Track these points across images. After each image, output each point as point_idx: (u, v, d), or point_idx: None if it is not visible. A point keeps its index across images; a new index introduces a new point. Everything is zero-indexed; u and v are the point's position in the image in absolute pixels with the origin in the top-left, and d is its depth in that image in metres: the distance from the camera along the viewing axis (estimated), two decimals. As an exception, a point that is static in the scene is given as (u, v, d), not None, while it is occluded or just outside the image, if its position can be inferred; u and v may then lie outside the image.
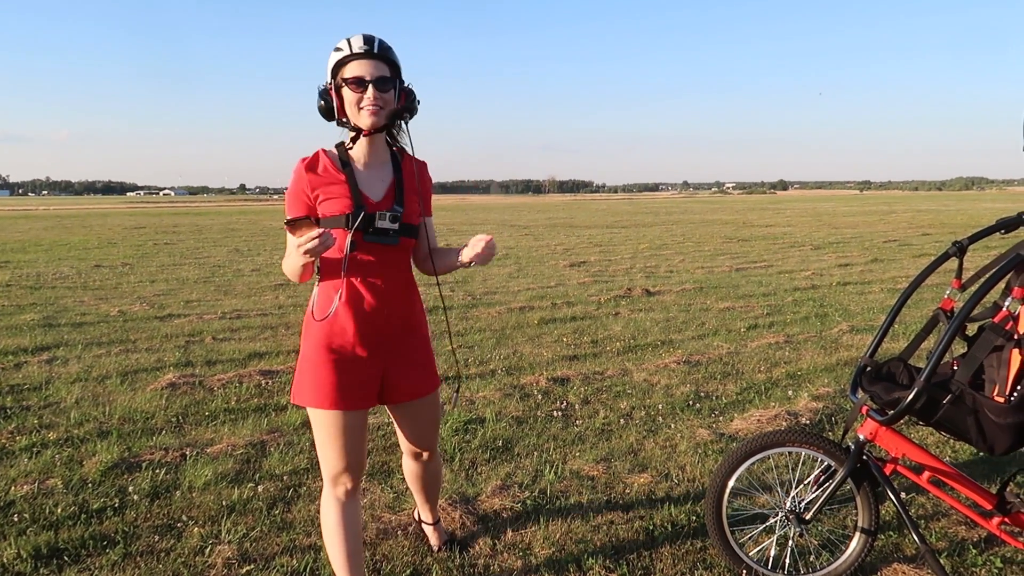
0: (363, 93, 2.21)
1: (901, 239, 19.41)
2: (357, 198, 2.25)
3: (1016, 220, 2.81)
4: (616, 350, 6.65)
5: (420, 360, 2.48)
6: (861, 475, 2.69)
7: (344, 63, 2.23)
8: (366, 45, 2.20)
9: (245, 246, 20.13)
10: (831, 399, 5.01)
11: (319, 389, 2.30)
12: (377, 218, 2.25)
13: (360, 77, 2.20)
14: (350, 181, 2.27)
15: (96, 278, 12.65)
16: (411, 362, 2.44)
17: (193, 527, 3.28)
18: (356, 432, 2.36)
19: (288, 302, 9.75)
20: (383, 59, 2.23)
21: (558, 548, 3.09)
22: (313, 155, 2.32)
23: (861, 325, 7.59)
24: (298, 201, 2.27)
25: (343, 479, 2.40)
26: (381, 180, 2.34)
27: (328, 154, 2.33)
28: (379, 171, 2.35)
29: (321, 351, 2.30)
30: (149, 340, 7.32)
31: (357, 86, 2.21)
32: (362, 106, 2.22)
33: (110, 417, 4.81)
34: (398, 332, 2.39)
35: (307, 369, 2.33)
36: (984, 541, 3.07)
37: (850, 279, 11.34)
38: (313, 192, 2.26)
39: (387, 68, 2.24)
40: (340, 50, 2.23)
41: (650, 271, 12.93)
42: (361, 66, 2.21)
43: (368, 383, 2.36)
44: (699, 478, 3.77)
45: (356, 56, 2.21)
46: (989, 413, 2.40)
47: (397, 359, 2.41)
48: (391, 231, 2.27)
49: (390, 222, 2.26)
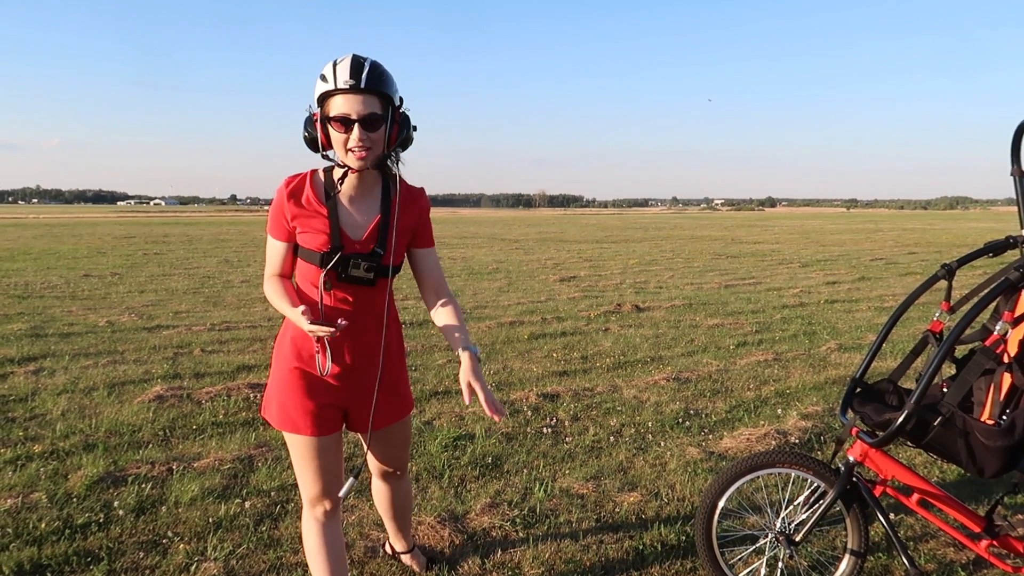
0: (349, 133, 2.01)
1: (888, 257, 19.55)
2: (336, 238, 2.12)
3: (1004, 243, 2.84)
4: (606, 366, 6.65)
5: (390, 392, 2.37)
6: (851, 497, 2.69)
7: (329, 96, 2.02)
8: (352, 79, 1.97)
9: (235, 257, 20.05)
10: (820, 418, 5.03)
11: (288, 412, 2.26)
12: (351, 264, 2.13)
13: (345, 116, 1.99)
14: (331, 216, 2.13)
15: (85, 288, 12.56)
16: (384, 390, 2.33)
17: (179, 543, 3.25)
18: (330, 454, 2.32)
19: (277, 315, 9.70)
20: (372, 92, 2.00)
21: (548, 568, 3.08)
22: (299, 179, 2.17)
23: (849, 343, 7.62)
24: (278, 224, 2.20)
25: (321, 501, 2.38)
26: (365, 216, 2.18)
27: (314, 181, 2.17)
28: (364, 205, 2.19)
29: (291, 375, 2.25)
30: (137, 352, 7.26)
31: (342, 125, 2.01)
32: (349, 147, 2.03)
33: (96, 430, 4.76)
34: (368, 366, 2.30)
35: (278, 391, 2.29)
36: (972, 563, 3.07)
37: (838, 297, 11.40)
38: (292, 221, 2.16)
39: (377, 102, 2.02)
40: (325, 80, 2.01)
41: (640, 287, 12.96)
42: (347, 102, 1.99)
43: (333, 411, 2.31)
44: (689, 497, 3.77)
45: (341, 91, 1.99)
46: (979, 436, 2.41)
47: (361, 393, 2.32)
48: (364, 279, 2.16)
49: (364, 271, 2.14)
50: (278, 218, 2.19)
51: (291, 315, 2.12)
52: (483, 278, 14.45)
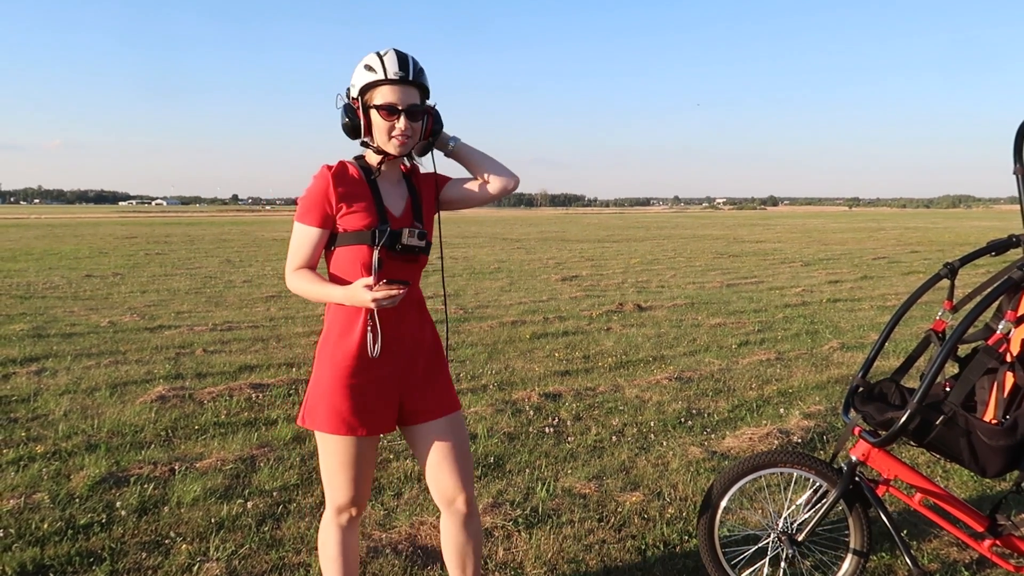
0: (394, 122, 2.12)
1: (890, 256, 19.53)
2: (382, 213, 2.18)
3: (1006, 242, 2.84)
4: (608, 366, 6.65)
5: (438, 380, 2.34)
6: (853, 496, 2.68)
7: (375, 85, 2.12)
8: (401, 71, 2.10)
9: (237, 257, 20.08)
10: (822, 417, 5.02)
11: (336, 414, 2.18)
12: (405, 234, 2.16)
13: (392, 105, 2.11)
14: (375, 195, 2.19)
15: (87, 288, 12.58)
16: (429, 382, 2.30)
17: (181, 544, 3.25)
18: (367, 461, 2.27)
19: (280, 314, 9.72)
20: (416, 85, 2.14)
21: (550, 567, 3.08)
22: (339, 165, 2.22)
23: (851, 342, 7.62)
24: (318, 209, 2.15)
25: (349, 508, 2.32)
26: (399, 196, 2.27)
27: (353, 165, 2.23)
28: (397, 187, 2.28)
29: (338, 374, 2.18)
30: (139, 352, 7.27)
31: (389, 114, 2.11)
32: (393, 135, 2.13)
33: (98, 430, 4.77)
34: (415, 351, 2.27)
35: (322, 393, 2.20)
36: (976, 563, 3.07)
37: (840, 296, 11.39)
38: (337, 203, 2.15)
39: (418, 95, 2.16)
40: (372, 70, 2.11)
41: (641, 286, 12.96)
42: (394, 92, 2.11)
43: (387, 407, 2.24)
44: (691, 497, 3.76)
45: (390, 82, 2.11)
46: (982, 435, 2.41)
47: (415, 379, 2.27)
48: (417, 248, 2.19)
49: (418, 239, 2.18)
50: (319, 203, 2.15)
51: (343, 294, 2.09)
52: (485, 278, 14.45)
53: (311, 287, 2.17)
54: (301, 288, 2.20)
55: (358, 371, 2.18)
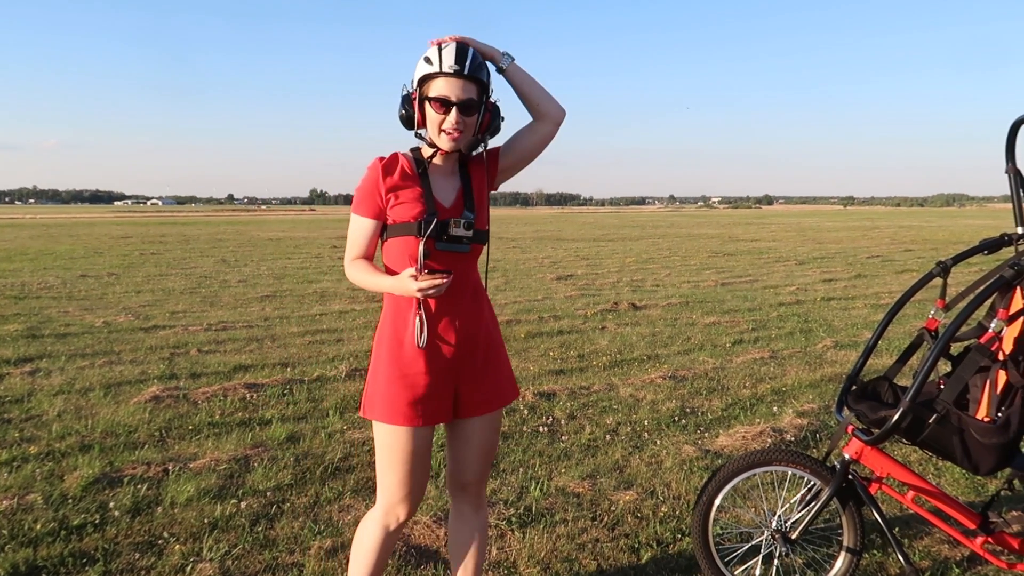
0: (446, 115, 2.10)
1: (884, 255, 19.57)
2: (430, 204, 2.16)
3: (999, 241, 2.85)
4: (602, 364, 6.65)
5: (495, 370, 2.34)
6: (846, 494, 2.69)
7: (431, 77, 2.11)
8: (457, 65, 2.08)
9: (232, 256, 20.04)
10: (816, 415, 5.03)
11: (392, 404, 2.18)
12: (451, 225, 2.14)
13: (445, 98, 2.09)
14: (424, 186, 2.19)
15: (81, 288, 12.55)
16: (486, 373, 2.30)
17: (174, 544, 3.24)
18: (422, 456, 2.24)
19: (275, 314, 9.70)
20: (473, 79, 2.11)
21: (543, 567, 3.08)
22: (391, 156, 2.23)
23: (845, 341, 7.63)
24: (370, 200, 2.18)
25: (399, 508, 2.27)
26: (451, 186, 2.25)
27: (405, 157, 2.24)
28: (449, 177, 2.26)
29: (393, 364, 2.19)
30: (133, 352, 7.25)
31: (441, 106, 2.10)
32: (444, 128, 2.12)
33: (92, 431, 4.75)
34: (471, 341, 2.25)
35: (379, 383, 2.22)
36: (968, 560, 3.08)
37: (834, 294, 11.41)
38: (387, 194, 2.17)
39: (475, 89, 2.12)
40: (429, 63, 2.11)
41: (636, 285, 12.97)
42: (448, 86, 2.09)
43: (443, 397, 2.23)
44: (685, 495, 3.77)
45: (445, 74, 2.09)
46: (974, 433, 2.42)
47: (471, 370, 2.27)
48: (464, 238, 2.17)
49: (464, 229, 2.16)
50: (371, 194, 2.18)
51: (391, 284, 2.09)
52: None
53: (365, 277, 2.19)
54: (357, 278, 2.22)
55: (412, 361, 2.18)
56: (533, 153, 2.35)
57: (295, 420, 5.01)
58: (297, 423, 4.95)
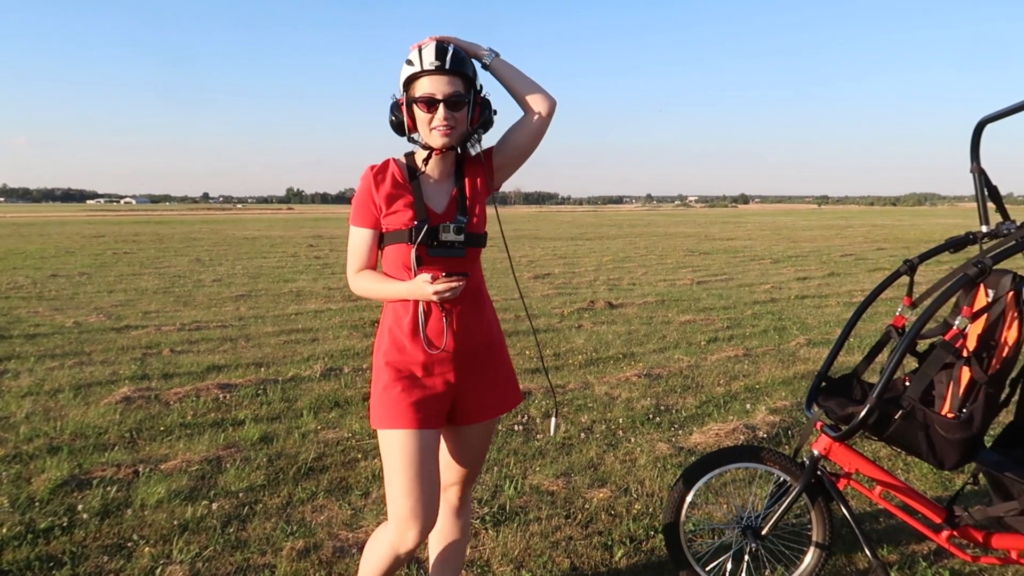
0: (434, 113, 2.09)
1: (857, 253, 19.81)
2: (421, 211, 2.14)
3: (964, 239, 2.90)
4: (578, 363, 6.67)
5: (497, 377, 2.32)
6: (816, 490, 2.72)
7: (415, 79, 2.10)
8: (438, 60, 2.06)
9: (207, 256, 19.85)
10: (788, 412, 5.08)
11: (393, 408, 2.14)
12: (441, 231, 2.13)
13: (431, 96, 2.07)
14: (415, 194, 2.16)
15: (52, 288, 12.36)
16: (486, 380, 2.28)
17: (144, 547, 3.20)
18: (428, 462, 2.15)
19: (249, 313, 9.62)
20: (457, 73, 2.09)
21: (516, 565, 3.08)
22: (383, 164, 2.21)
23: (818, 338, 7.71)
24: (365, 211, 2.16)
25: (412, 526, 2.12)
26: (445, 192, 2.23)
27: (397, 164, 2.22)
28: (444, 182, 2.24)
29: (392, 369, 2.17)
30: (105, 352, 7.16)
31: (427, 106, 2.08)
32: (433, 126, 2.10)
33: (61, 432, 4.68)
34: (470, 348, 2.23)
35: (381, 390, 2.19)
36: (934, 554, 3.13)
37: (808, 293, 11.53)
38: (379, 204, 2.15)
39: (461, 83, 2.10)
40: (411, 64, 2.10)
41: (613, 283, 13.02)
42: (432, 83, 2.08)
43: (441, 402, 2.21)
44: (658, 492, 3.79)
45: (427, 72, 2.08)
46: (939, 429, 2.45)
47: (471, 377, 2.25)
48: (456, 243, 2.15)
49: (454, 234, 2.14)
50: (366, 204, 2.17)
51: (406, 289, 2.09)
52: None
53: (375, 285, 2.17)
54: (365, 288, 2.19)
55: (413, 364, 2.17)
56: (529, 146, 2.33)
57: (269, 420, 4.98)
58: (271, 423, 4.91)
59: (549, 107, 2.28)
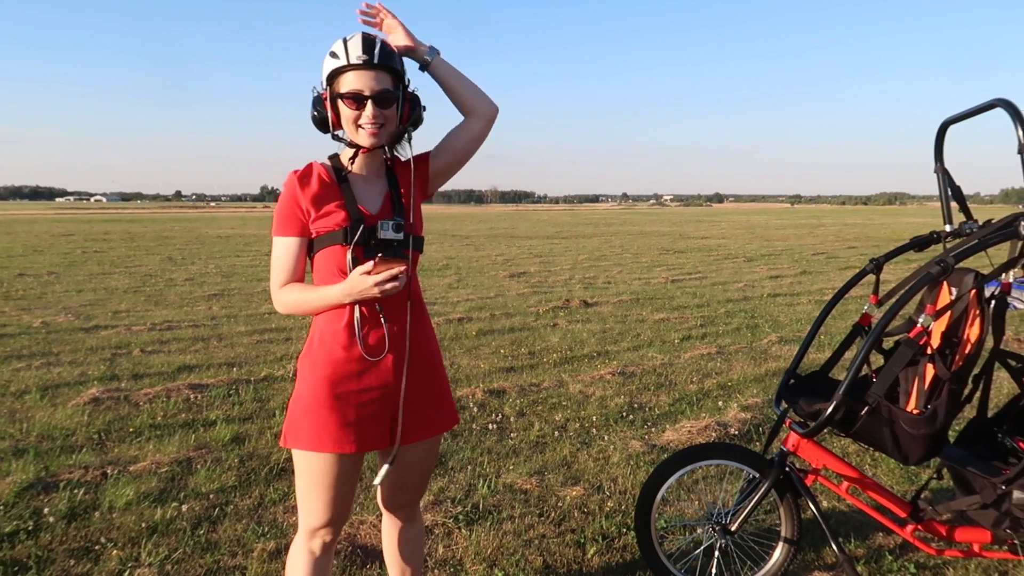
0: (361, 110, 1.95)
1: (829, 252, 20.05)
2: (354, 211, 2.00)
3: (928, 238, 2.95)
4: (553, 361, 6.68)
5: (436, 392, 2.17)
6: (784, 486, 2.75)
7: (340, 72, 1.96)
8: (365, 54, 1.93)
9: (179, 255, 19.63)
10: (759, 409, 5.13)
11: (320, 429, 1.99)
12: (379, 228, 1.99)
13: (358, 92, 1.94)
14: (346, 194, 2.03)
15: (19, 287, 12.15)
16: (426, 395, 2.13)
17: (112, 550, 3.16)
18: (349, 480, 2.08)
19: (222, 313, 9.53)
20: (385, 68, 1.96)
21: (489, 564, 3.08)
22: (305, 168, 2.06)
23: (790, 336, 7.80)
24: (291, 218, 2.01)
25: (323, 532, 2.12)
26: (378, 192, 2.09)
27: (323, 166, 2.08)
28: (374, 183, 2.10)
29: (324, 386, 2.00)
30: (73, 353, 7.05)
31: (354, 102, 1.95)
32: (361, 124, 1.97)
33: (27, 434, 4.61)
34: (411, 360, 2.08)
35: (305, 408, 2.02)
36: (899, 548, 3.18)
37: (780, 291, 11.65)
38: (307, 208, 2.00)
39: (389, 79, 1.97)
40: (336, 57, 1.95)
41: (588, 282, 13.06)
42: (360, 78, 1.94)
43: (380, 422, 2.05)
44: (630, 490, 3.81)
45: (354, 67, 1.94)
46: (904, 424, 2.49)
47: (411, 392, 2.08)
48: (395, 242, 2.01)
49: (393, 231, 2.00)
50: (291, 210, 2.01)
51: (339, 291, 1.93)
52: (433, 274, 14.39)
53: (304, 296, 2.00)
54: (293, 301, 2.02)
55: (344, 380, 2.01)
56: (466, 153, 2.21)
57: (240, 421, 4.93)
58: (243, 424, 4.87)
59: (491, 113, 2.18)
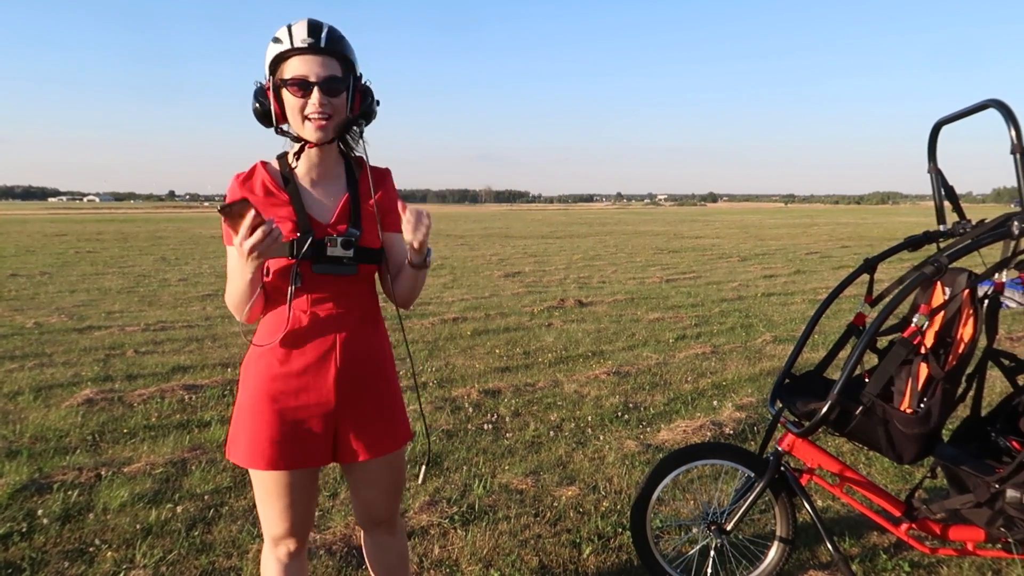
0: (307, 98, 1.80)
1: (822, 251, 20.10)
2: (303, 222, 1.85)
3: (922, 238, 2.97)
4: (548, 361, 6.69)
5: (384, 410, 2.02)
6: (779, 486, 2.76)
7: (284, 58, 1.81)
8: (311, 37, 1.78)
9: (173, 255, 19.56)
10: (754, 409, 5.14)
11: (256, 446, 1.90)
12: (327, 244, 1.85)
13: (303, 78, 1.79)
14: (294, 201, 1.87)
15: (12, 288, 12.09)
16: (372, 413, 1.99)
17: (106, 551, 3.15)
18: (303, 491, 1.98)
19: (216, 313, 9.50)
20: (333, 54, 1.81)
21: (485, 564, 3.08)
22: (250, 170, 1.92)
23: (784, 335, 7.81)
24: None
25: (286, 542, 2.04)
26: (331, 197, 1.93)
27: (268, 169, 1.92)
28: (329, 187, 1.94)
29: (261, 400, 1.91)
30: (66, 354, 7.02)
31: (299, 89, 1.79)
32: (307, 114, 1.81)
33: (20, 436, 4.59)
34: (356, 377, 1.96)
35: (243, 421, 1.94)
36: (894, 546, 3.19)
37: (774, 290, 11.68)
38: None
39: (338, 65, 1.82)
40: (279, 42, 1.80)
41: (583, 282, 13.07)
42: (305, 64, 1.79)
43: (318, 439, 1.94)
44: (626, 489, 3.82)
45: (299, 51, 1.79)
46: (898, 424, 2.50)
47: (355, 410, 1.96)
48: (345, 259, 1.87)
49: (342, 248, 1.85)
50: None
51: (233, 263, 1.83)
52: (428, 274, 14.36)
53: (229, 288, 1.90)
54: (229, 299, 1.91)
55: (281, 395, 1.91)
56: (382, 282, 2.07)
57: (235, 421, 4.92)
58: (237, 424, 4.85)
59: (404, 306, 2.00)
